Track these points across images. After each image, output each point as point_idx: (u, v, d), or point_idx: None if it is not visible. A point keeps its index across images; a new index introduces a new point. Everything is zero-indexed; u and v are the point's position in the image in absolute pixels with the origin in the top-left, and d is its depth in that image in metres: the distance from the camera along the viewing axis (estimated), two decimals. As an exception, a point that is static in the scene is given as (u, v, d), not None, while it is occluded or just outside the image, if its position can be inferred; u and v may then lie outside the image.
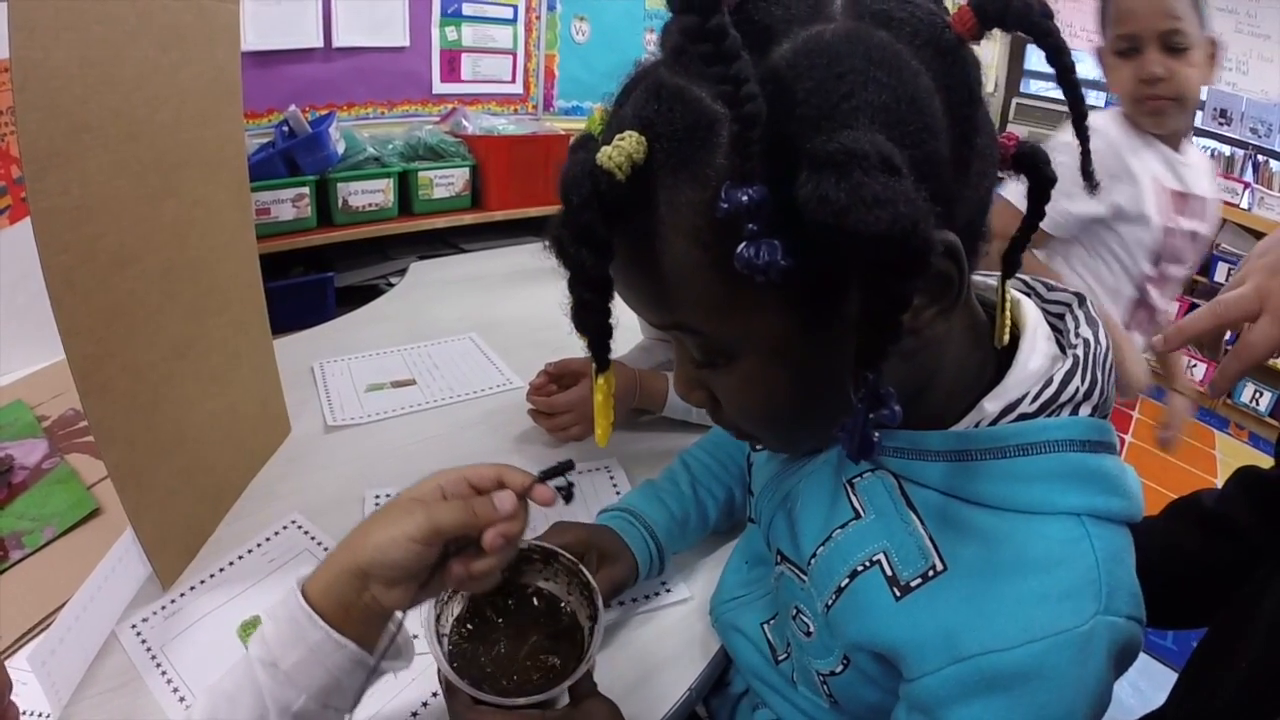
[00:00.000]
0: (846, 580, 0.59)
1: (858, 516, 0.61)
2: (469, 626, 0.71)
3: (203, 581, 0.94)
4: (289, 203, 2.19)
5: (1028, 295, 0.64)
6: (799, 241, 0.39)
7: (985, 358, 0.59)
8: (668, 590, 0.97)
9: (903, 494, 0.59)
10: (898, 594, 0.55)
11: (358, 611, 0.58)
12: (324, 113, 2.38)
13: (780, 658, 0.76)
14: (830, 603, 0.60)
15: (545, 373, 1.26)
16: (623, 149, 0.43)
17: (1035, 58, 6.01)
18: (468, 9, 2.74)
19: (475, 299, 2.02)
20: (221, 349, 1.08)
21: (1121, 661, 0.51)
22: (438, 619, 0.67)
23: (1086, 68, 4.03)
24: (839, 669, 0.63)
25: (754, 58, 0.39)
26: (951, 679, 0.50)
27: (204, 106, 0.99)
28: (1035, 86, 6.04)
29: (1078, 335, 0.59)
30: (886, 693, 0.59)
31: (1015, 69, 5.99)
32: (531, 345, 1.61)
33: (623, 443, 1.28)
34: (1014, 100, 5.84)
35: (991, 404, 0.55)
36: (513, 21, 2.91)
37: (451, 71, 2.77)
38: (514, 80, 3.00)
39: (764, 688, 0.80)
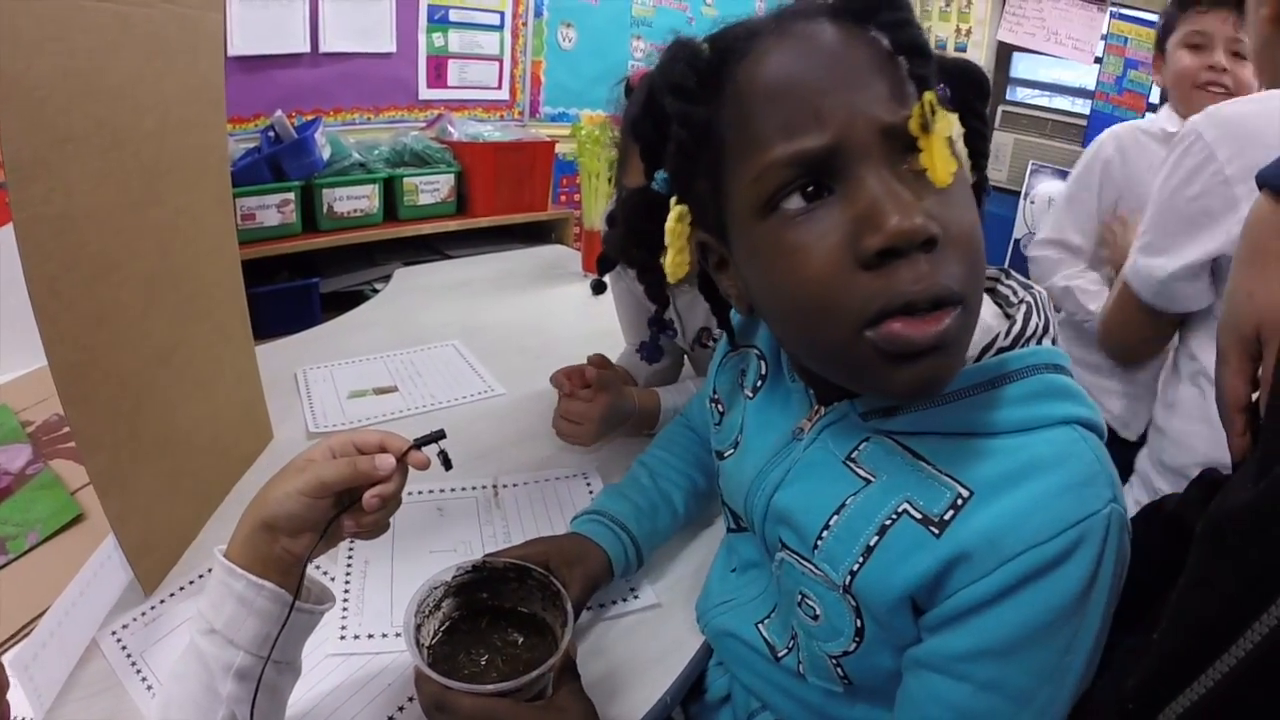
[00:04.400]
0: (876, 538, 0.60)
1: (868, 483, 0.63)
2: (447, 636, 0.72)
3: (183, 588, 0.94)
4: (274, 208, 2.19)
5: None
6: None
7: None
8: (635, 597, 0.97)
9: (905, 449, 0.61)
10: (936, 531, 0.57)
11: (274, 562, 0.63)
12: (310, 118, 2.39)
13: (781, 654, 0.76)
14: (857, 567, 0.61)
15: (581, 373, 1.23)
16: None
17: (1021, 66, 6.06)
18: (455, 15, 2.76)
19: (459, 305, 2.03)
20: (205, 355, 1.09)
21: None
22: (418, 629, 0.68)
23: (1076, 75, 4.06)
24: (852, 647, 0.65)
25: None
26: (999, 580, 0.54)
27: (188, 115, 0.99)
28: (1021, 94, 6.09)
29: (1020, 290, 0.66)
30: (902, 652, 0.62)
31: (1001, 78, 6.04)
32: (515, 352, 1.62)
33: (601, 452, 1.30)
34: (1000, 108, 5.88)
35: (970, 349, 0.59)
36: (500, 28, 2.93)
37: (438, 77, 2.78)
38: (500, 86, 3.01)
39: (767, 687, 0.80)
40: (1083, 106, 5.67)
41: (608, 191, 2.21)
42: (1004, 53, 5.94)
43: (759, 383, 0.80)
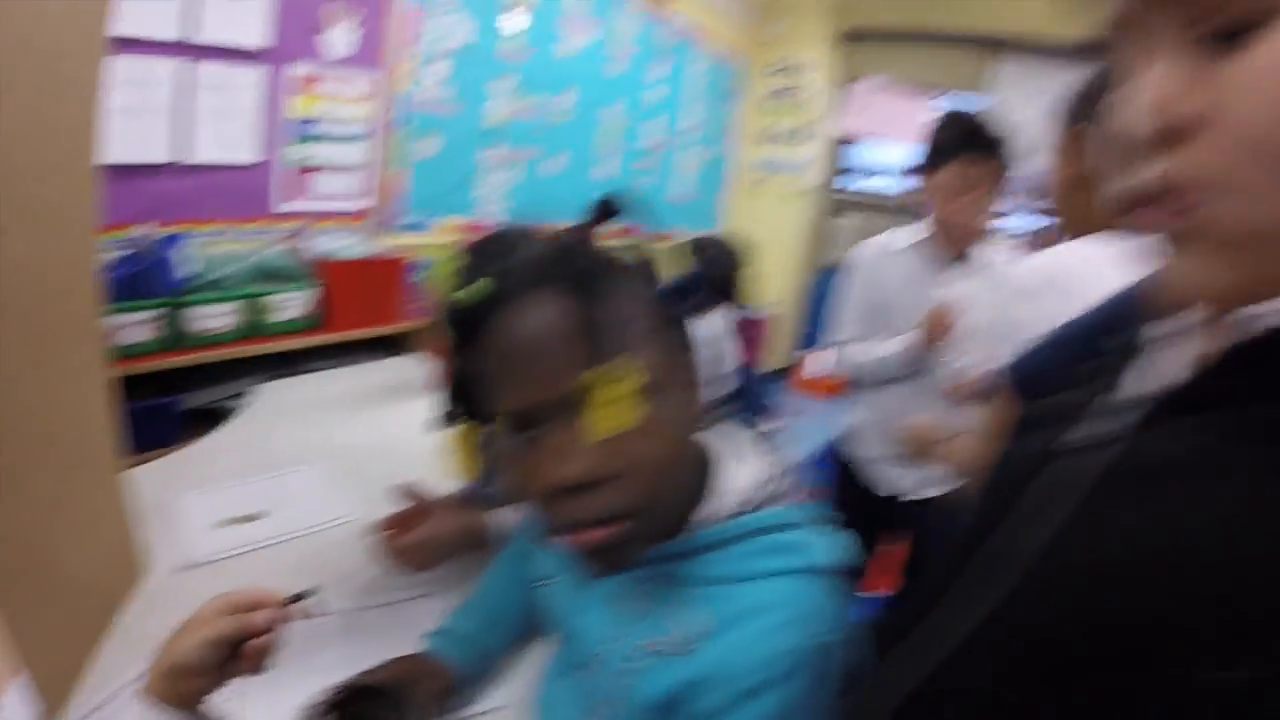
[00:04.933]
0: (632, 664, 0.74)
1: (633, 618, 0.76)
2: None
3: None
4: (135, 325, 2.18)
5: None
6: None
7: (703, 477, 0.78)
8: (483, 701, 1.07)
9: (664, 593, 0.75)
10: (677, 658, 0.71)
11: (184, 698, 0.76)
12: (172, 230, 2.38)
13: None
14: (621, 686, 0.75)
15: (395, 514, 1.31)
16: None
17: (854, 155, 6.53)
18: (317, 127, 2.83)
19: (321, 423, 2.06)
20: (70, 491, 1.08)
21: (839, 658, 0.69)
22: None
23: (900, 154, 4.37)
24: None
25: None
26: (732, 694, 0.66)
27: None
28: (860, 181, 6.53)
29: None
30: None
31: (835, 168, 6.48)
32: (377, 472, 1.64)
33: (453, 571, 1.34)
34: (836, 196, 6.30)
35: (708, 511, 0.74)
36: (361, 138, 3.02)
37: (300, 189, 2.83)
38: (361, 197, 3.08)
39: None
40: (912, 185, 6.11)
41: None
42: (839, 145, 6.40)
43: None
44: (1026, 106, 5.69)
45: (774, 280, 6.01)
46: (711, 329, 2.47)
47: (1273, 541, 0.33)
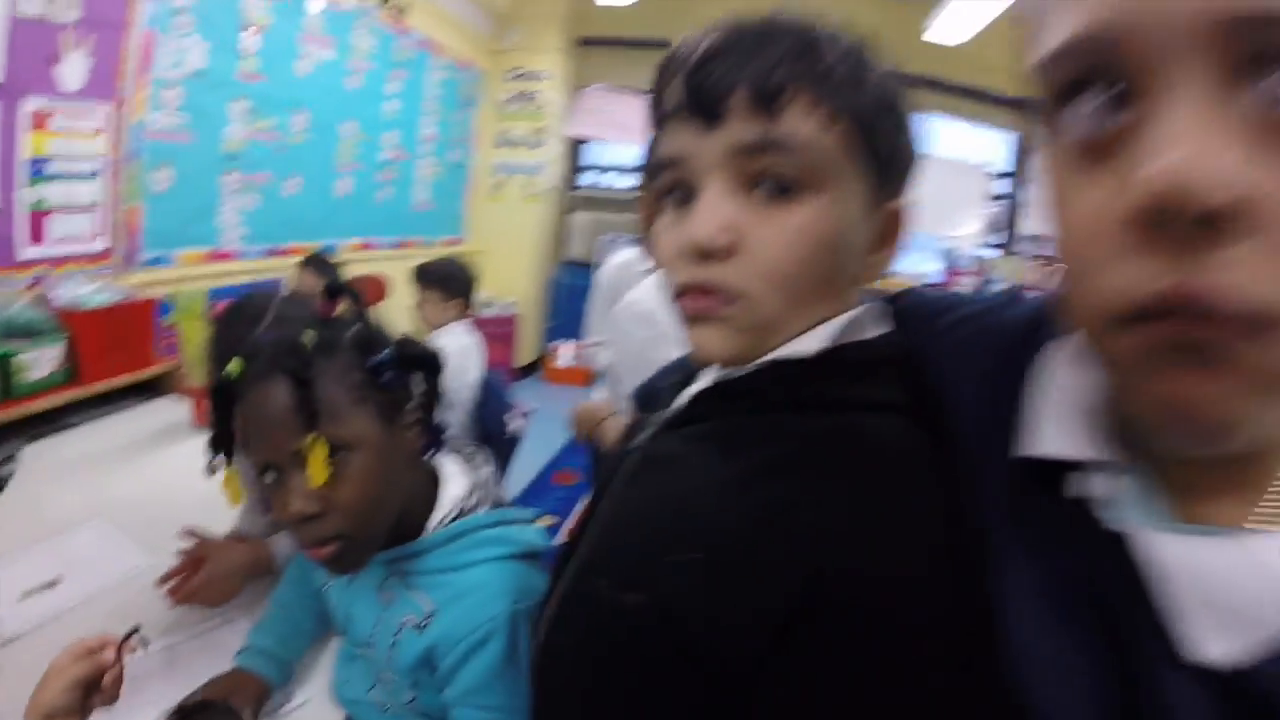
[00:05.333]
0: (394, 638, 0.97)
1: (389, 604, 0.99)
2: None
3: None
4: None
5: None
6: None
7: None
8: (291, 700, 1.22)
9: (406, 583, 0.99)
10: (419, 631, 0.95)
11: None
12: None
13: (387, 708, 1.06)
14: (390, 657, 0.98)
15: (184, 557, 1.43)
16: None
17: (589, 154, 6.82)
18: (51, 166, 2.63)
19: (95, 479, 1.99)
20: None
21: None
22: None
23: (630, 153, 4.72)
24: (410, 698, 1.00)
25: None
26: (461, 653, 0.92)
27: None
28: (595, 178, 6.84)
29: (476, 469, 1.09)
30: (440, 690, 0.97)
31: (573, 166, 6.75)
32: (158, 517, 1.68)
33: (246, 596, 1.46)
34: (573, 192, 6.57)
35: (435, 518, 1.00)
36: (96, 175, 2.85)
37: (37, 234, 2.64)
38: (98, 237, 2.92)
39: None
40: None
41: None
42: (575, 145, 6.67)
43: None
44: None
45: (518, 278, 6.20)
46: (457, 342, 2.63)
47: (665, 508, 0.57)
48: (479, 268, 2.91)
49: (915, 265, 5.97)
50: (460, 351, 2.59)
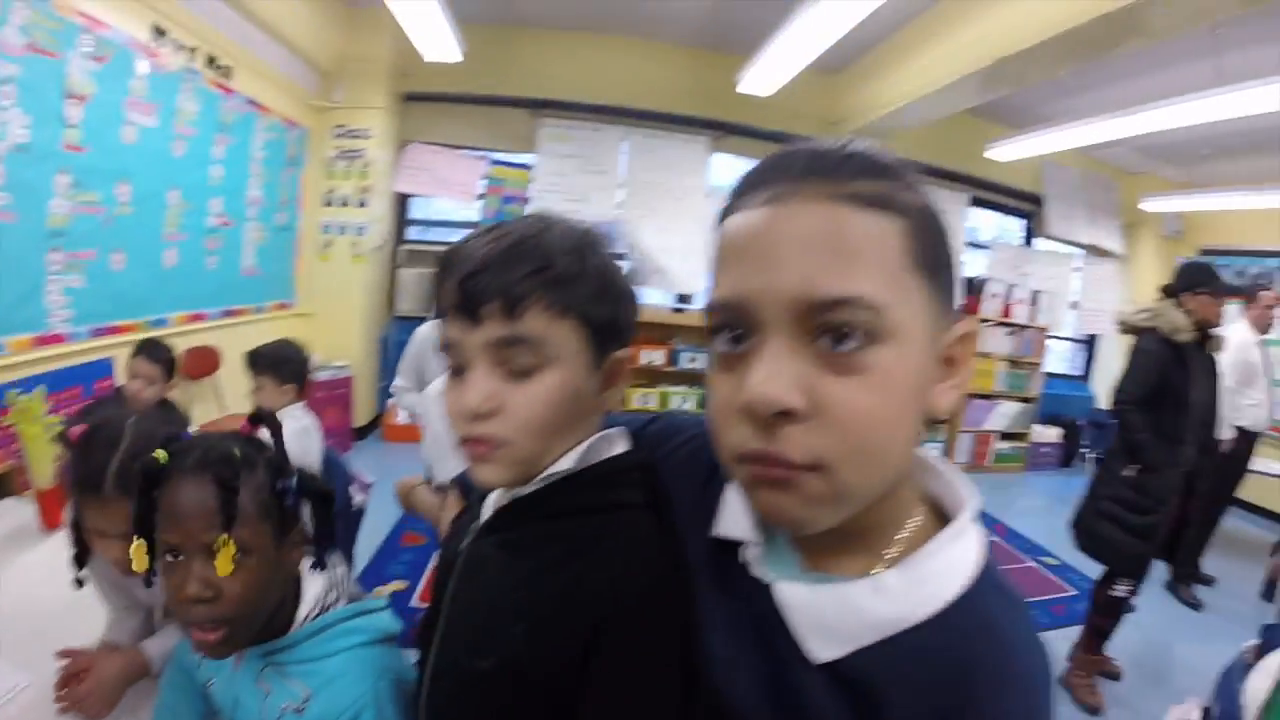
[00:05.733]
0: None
1: (269, 694, 1.08)
2: None
3: None
4: None
5: None
6: None
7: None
8: None
9: (281, 672, 1.09)
10: (299, 715, 1.05)
11: None
12: None
13: None
14: None
15: (64, 672, 1.42)
16: None
17: (416, 208, 6.74)
18: None
19: None
20: None
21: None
22: None
23: (465, 211, 4.78)
24: None
25: None
26: None
27: None
28: (415, 234, 6.75)
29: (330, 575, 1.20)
30: None
31: (401, 221, 6.63)
32: (25, 629, 1.59)
33: (128, 700, 1.44)
34: (402, 248, 6.45)
35: (301, 613, 1.12)
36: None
37: None
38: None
39: None
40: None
41: (51, 451, 2.18)
42: (402, 201, 6.57)
43: None
44: (565, 163, 6.39)
45: (350, 338, 6.02)
46: (295, 425, 2.61)
47: (494, 596, 0.81)
48: (308, 340, 2.92)
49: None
50: (299, 434, 2.61)
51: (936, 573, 0.61)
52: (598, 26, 6.12)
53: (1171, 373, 3.10)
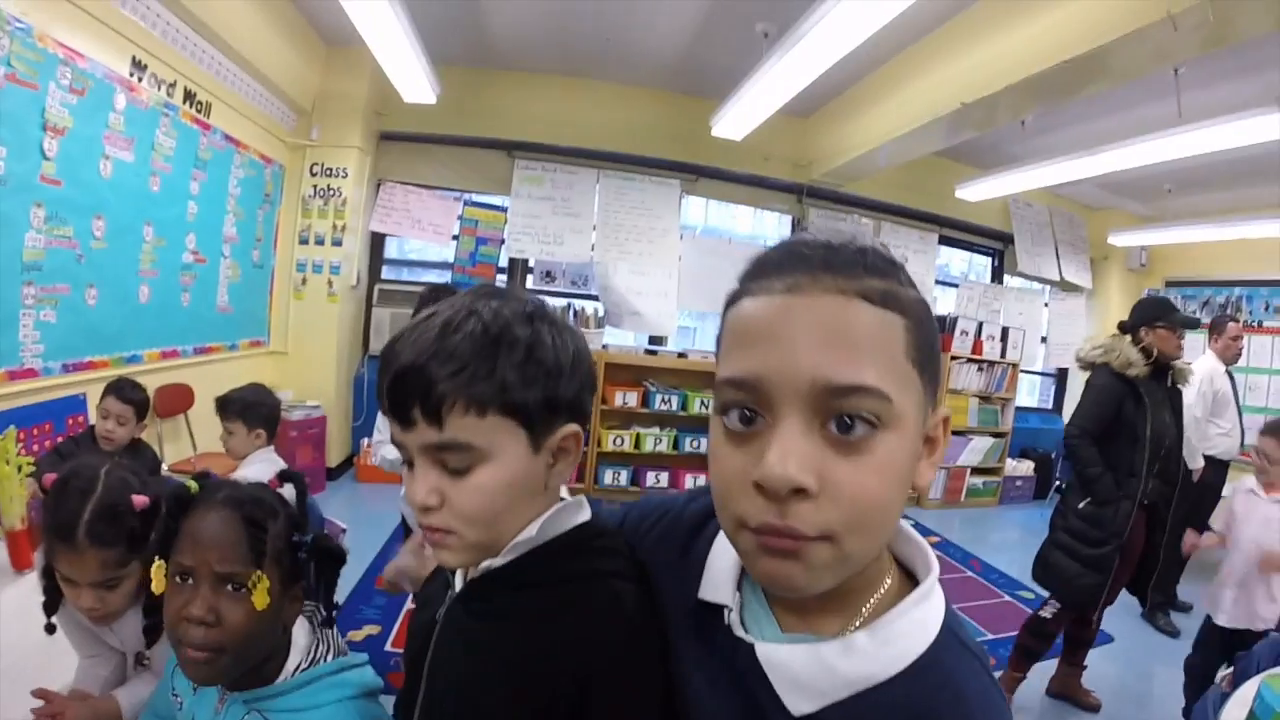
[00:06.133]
0: None
1: None
2: None
3: None
4: None
5: None
6: None
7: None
8: None
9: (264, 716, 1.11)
10: None
11: None
12: None
13: None
14: None
15: (38, 716, 1.38)
16: None
17: (392, 247, 6.75)
18: None
19: None
20: None
21: None
22: None
23: (439, 252, 4.79)
24: None
25: None
26: None
27: None
28: (389, 272, 6.75)
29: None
30: None
31: (375, 260, 6.63)
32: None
33: None
34: (376, 286, 6.44)
35: (290, 665, 1.14)
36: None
37: None
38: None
39: None
40: (445, 276, 6.55)
41: (22, 492, 2.15)
42: (377, 240, 6.58)
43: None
44: (539, 204, 6.44)
45: (324, 378, 5.98)
46: (265, 471, 2.58)
47: (476, 666, 0.84)
48: (282, 379, 2.87)
49: (709, 342, 6.27)
50: (258, 475, 2.58)
51: (903, 633, 0.66)
52: (573, 70, 6.21)
53: (1125, 406, 3.16)
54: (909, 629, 0.66)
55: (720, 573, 0.79)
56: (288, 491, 1.26)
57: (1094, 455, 3.17)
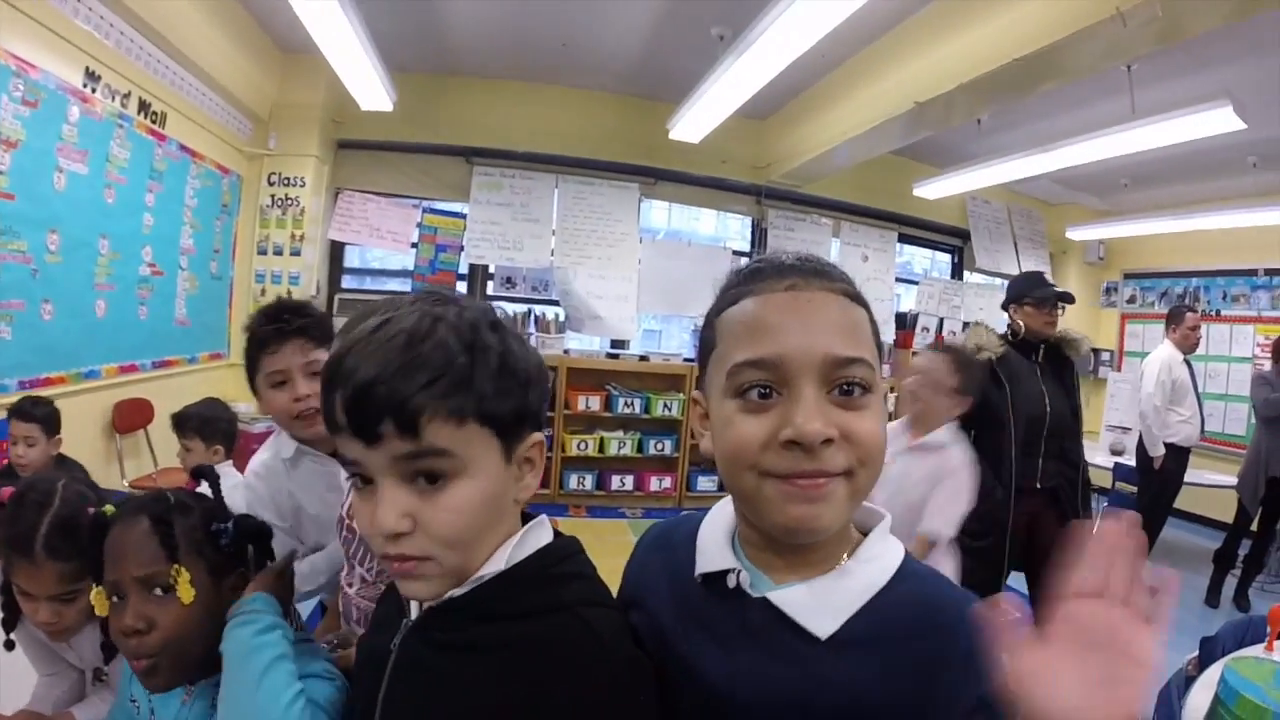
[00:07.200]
0: None
1: None
2: None
3: None
4: None
5: None
6: None
7: None
8: None
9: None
10: None
11: None
12: None
13: None
14: None
15: None
16: None
17: (351, 257, 6.69)
18: None
19: None
20: None
21: None
22: None
23: (400, 260, 4.75)
24: None
25: None
26: None
27: None
28: (350, 281, 6.70)
29: None
30: None
31: (335, 270, 6.57)
32: None
33: None
34: (336, 296, 6.39)
35: None
36: None
37: None
38: None
39: None
40: (406, 284, 6.53)
41: None
42: (336, 249, 6.52)
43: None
44: (498, 210, 6.43)
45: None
46: (229, 480, 2.52)
47: (445, 701, 0.78)
48: (241, 392, 2.84)
49: (671, 344, 6.33)
50: (231, 491, 2.57)
51: (880, 554, 0.81)
52: (529, 75, 6.23)
53: (986, 393, 3.03)
54: (883, 551, 0.82)
55: (713, 545, 0.87)
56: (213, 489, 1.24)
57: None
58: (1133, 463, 5.33)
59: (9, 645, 1.41)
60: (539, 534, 0.87)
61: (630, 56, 5.66)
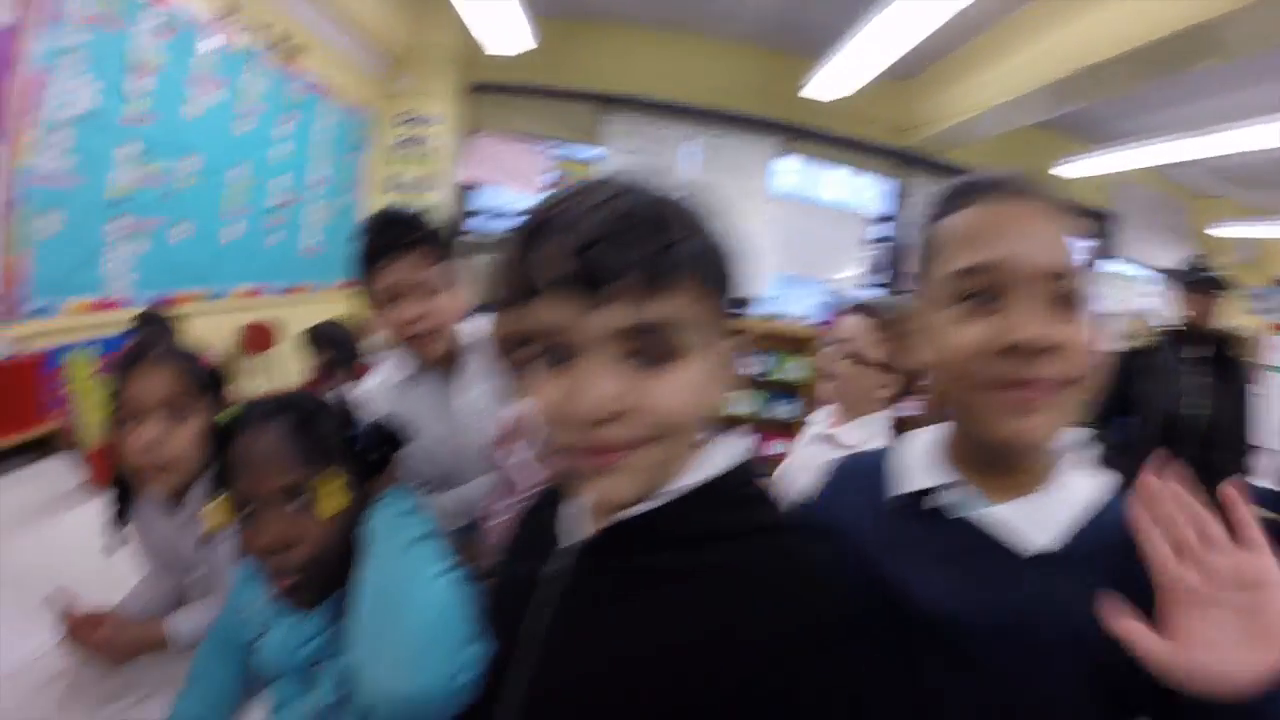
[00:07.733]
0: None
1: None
2: None
3: None
4: None
5: None
6: None
7: None
8: None
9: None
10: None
11: None
12: None
13: None
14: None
15: (79, 619, 1.37)
16: None
17: (480, 198, 6.76)
18: None
19: None
20: None
21: None
22: None
23: (529, 203, 4.82)
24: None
25: None
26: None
27: None
28: (478, 224, 6.77)
29: None
30: None
31: (460, 210, 6.67)
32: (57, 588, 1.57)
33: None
34: (460, 238, 6.49)
35: None
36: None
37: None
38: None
39: None
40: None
41: (103, 413, 2.20)
42: (463, 190, 6.62)
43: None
44: (633, 158, 6.37)
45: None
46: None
47: (630, 639, 0.67)
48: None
49: (799, 307, 6.16)
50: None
51: (1083, 479, 0.81)
52: (665, 22, 6.10)
53: (1122, 385, 3.01)
54: (1085, 478, 0.81)
55: (918, 462, 0.87)
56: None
57: None
58: (1277, 487, 4.87)
59: (111, 550, 1.44)
60: (735, 444, 0.75)
61: (771, 7, 5.46)
